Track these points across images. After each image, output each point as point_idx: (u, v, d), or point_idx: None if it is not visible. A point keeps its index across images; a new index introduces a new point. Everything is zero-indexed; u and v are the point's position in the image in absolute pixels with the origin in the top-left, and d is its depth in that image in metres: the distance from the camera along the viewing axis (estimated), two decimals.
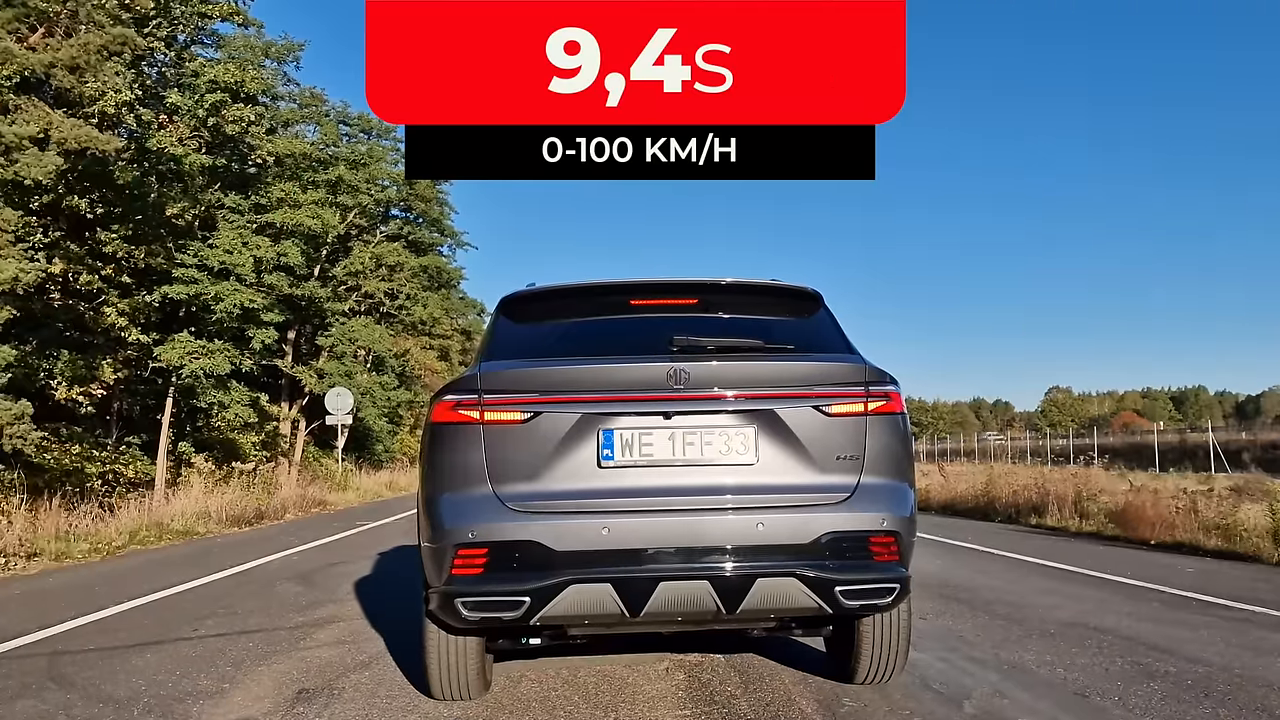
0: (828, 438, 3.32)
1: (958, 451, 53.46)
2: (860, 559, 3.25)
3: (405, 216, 29.58)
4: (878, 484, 3.32)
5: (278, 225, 19.58)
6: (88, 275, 14.74)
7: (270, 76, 19.62)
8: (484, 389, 3.33)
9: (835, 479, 3.29)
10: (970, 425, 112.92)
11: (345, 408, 23.15)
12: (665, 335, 3.48)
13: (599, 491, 3.23)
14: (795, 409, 3.31)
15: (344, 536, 12.30)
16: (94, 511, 11.61)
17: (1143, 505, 10.67)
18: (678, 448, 3.26)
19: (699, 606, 3.18)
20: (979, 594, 6.52)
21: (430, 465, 3.38)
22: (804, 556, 3.18)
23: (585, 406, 3.26)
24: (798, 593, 3.17)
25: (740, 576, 3.14)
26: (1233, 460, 30.85)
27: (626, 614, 3.15)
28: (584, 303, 3.93)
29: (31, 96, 12.96)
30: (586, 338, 3.75)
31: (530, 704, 3.77)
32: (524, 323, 3.87)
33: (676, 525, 3.19)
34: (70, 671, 4.53)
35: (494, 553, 3.17)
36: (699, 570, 3.15)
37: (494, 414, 3.28)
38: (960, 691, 3.84)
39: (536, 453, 3.24)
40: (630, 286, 3.88)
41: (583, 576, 3.13)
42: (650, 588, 3.13)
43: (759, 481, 3.26)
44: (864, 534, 3.25)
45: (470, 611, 3.18)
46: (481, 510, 3.20)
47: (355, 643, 5.08)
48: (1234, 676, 4.06)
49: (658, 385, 3.28)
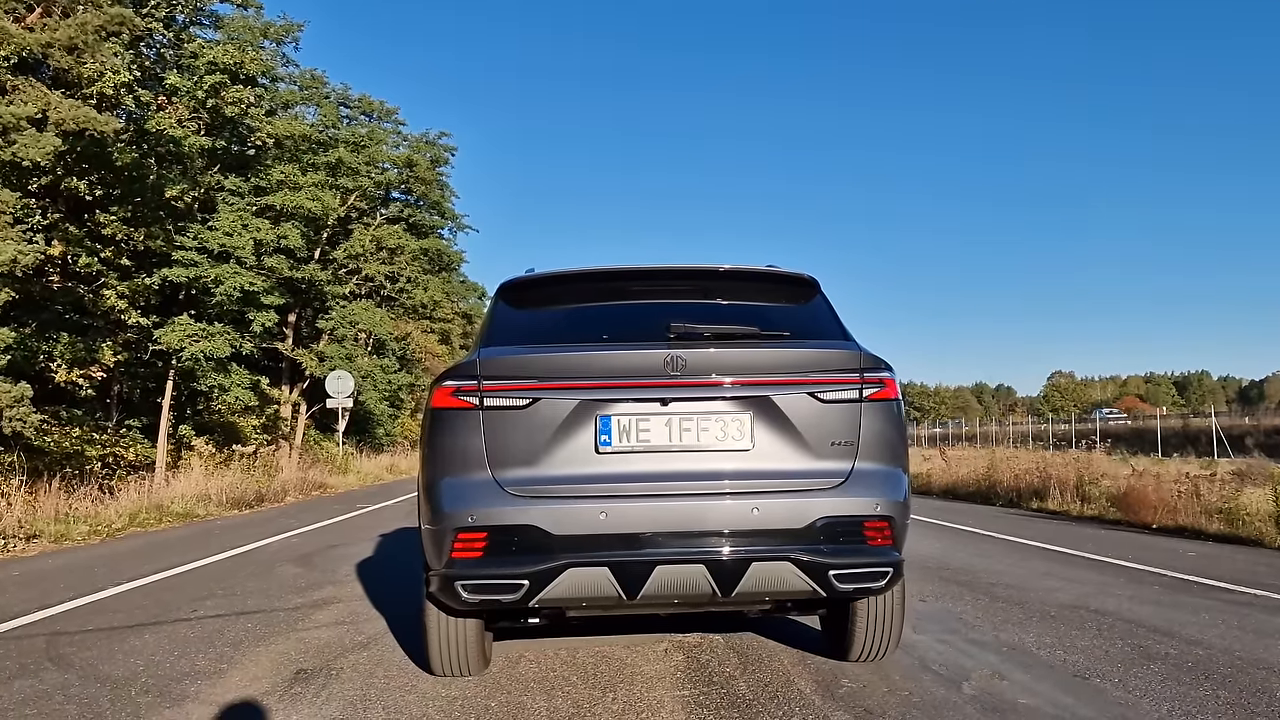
0: (823, 424, 3.33)
1: (959, 436, 53.52)
2: (854, 543, 3.27)
3: (406, 199, 29.45)
4: (872, 469, 3.34)
5: (278, 208, 19.49)
6: (87, 257, 14.70)
7: (269, 57, 19.46)
8: (483, 375, 3.32)
9: (830, 464, 3.31)
10: (973, 410, 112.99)
11: (346, 391, 23.14)
12: (663, 322, 3.45)
13: (597, 477, 3.23)
14: (791, 395, 3.33)
15: (344, 519, 12.31)
16: (93, 494, 11.62)
17: (1145, 489, 10.66)
18: (674, 433, 3.27)
19: (695, 590, 3.20)
20: (979, 577, 6.51)
21: (430, 449, 3.38)
22: (799, 541, 3.20)
23: (583, 393, 3.26)
24: (792, 576, 3.19)
25: (736, 560, 3.16)
26: (1235, 445, 30.75)
27: (624, 597, 3.17)
28: (583, 289, 3.91)
29: (29, 77, 12.87)
30: (585, 324, 3.73)
31: (529, 684, 3.76)
32: (523, 309, 3.86)
33: (673, 510, 3.20)
34: (68, 652, 4.53)
35: (493, 536, 3.19)
36: (695, 554, 3.16)
37: (493, 400, 3.29)
38: (959, 673, 3.82)
39: (535, 438, 3.25)
40: (629, 273, 3.88)
41: (580, 560, 3.14)
42: (647, 571, 3.15)
43: (755, 467, 3.28)
44: (858, 519, 3.27)
45: (470, 594, 3.19)
46: (481, 494, 3.21)
47: (354, 624, 5.08)
48: (1235, 659, 4.05)
49: (655, 372, 3.29)
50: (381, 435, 33.05)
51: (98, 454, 15.07)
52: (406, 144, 28.10)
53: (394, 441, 34.17)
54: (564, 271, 3.99)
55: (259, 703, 3.59)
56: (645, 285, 3.87)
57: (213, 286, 17.03)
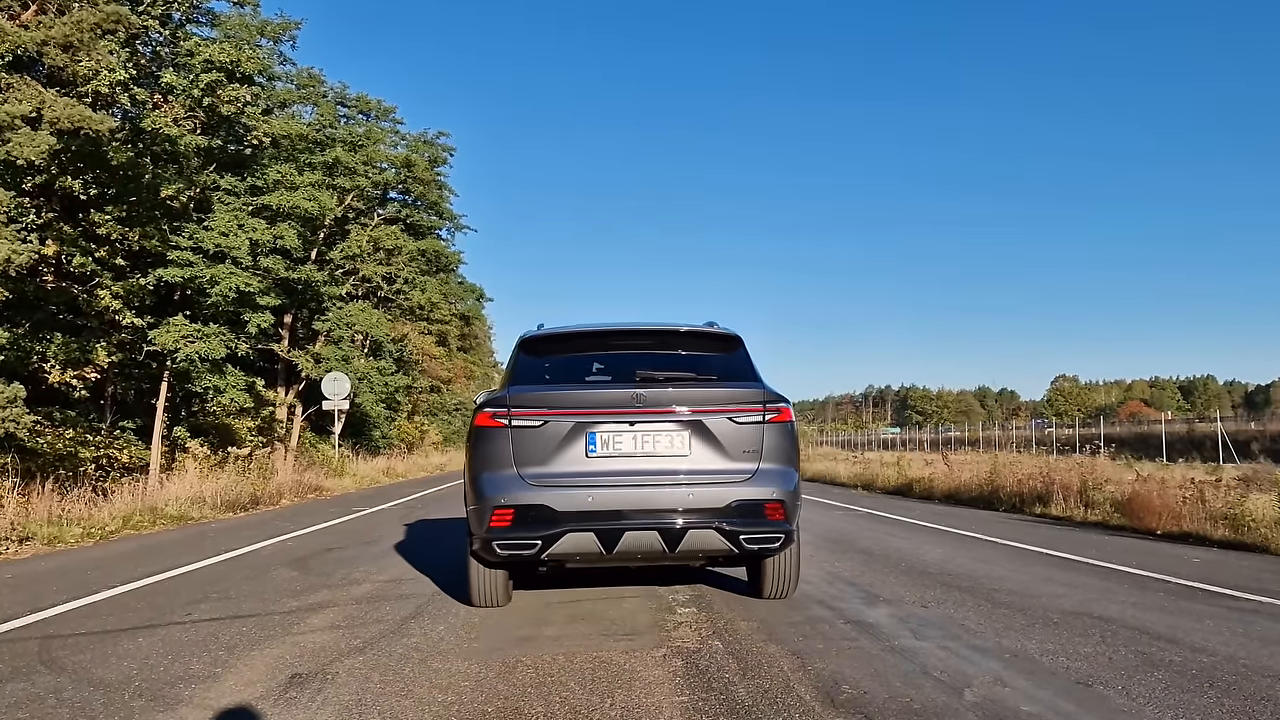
0: (737, 438, 4.86)
1: (962, 440, 53.45)
2: (758, 518, 4.78)
3: (403, 199, 29.32)
4: (771, 469, 4.86)
5: (274, 208, 19.37)
6: (81, 257, 14.61)
7: (266, 56, 19.38)
8: (511, 405, 4.87)
9: (742, 465, 4.84)
10: (975, 414, 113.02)
11: (342, 393, 23.05)
12: (632, 368, 5.08)
13: (586, 473, 4.77)
14: (716, 419, 4.87)
15: (340, 522, 12.25)
16: (87, 496, 11.53)
17: (1149, 495, 10.52)
18: (638, 445, 4.84)
19: (651, 548, 4.75)
20: (981, 583, 6.47)
21: (475, 453, 4.93)
22: (721, 516, 4.72)
23: (577, 418, 4.81)
24: (716, 540, 4.74)
25: (678, 529, 4.69)
26: (1241, 451, 30.56)
27: (604, 552, 4.72)
28: (577, 343, 5.50)
29: (24, 75, 12.80)
30: (579, 368, 5.32)
31: (526, 689, 3.72)
32: (536, 356, 5.41)
33: (637, 495, 4.72)
34: (61, 655, 4.48)
35: (518, 512, 4.70)
36: (651, 524, 4.69)
37: (518, 421, 4.83)
38: (961, 679, 3.79)
39: (545, 447, 4.78)
40: (609, 331, 5.49)
41: (575, 528, 4.67)
42: (619, 535, 4.68)
43: (691, 467, 4.83)
44: (761, 501, 4.79)
45: (503, 550, 4.78)
46: (509, 484, 4.75)
47: (350, 628, 5.03)
48: (1239, 666, 4.01)
49: (625, 403, 4.84)
50: (378, 438, 32.88)
51: (91, 456, 14.97)
52: (404, 143, 28.00)
53: (391, 444, 34.00)
54: (564, 330, 5.56)
55: (253, 707, 3.55)
56: (620, 340, 5.47)
57: (208, 287, 16.93)
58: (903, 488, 18.04)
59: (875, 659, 4.16)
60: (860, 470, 22.13)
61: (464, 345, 52.86)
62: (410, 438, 38.47)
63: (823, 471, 24.71)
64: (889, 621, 5.02)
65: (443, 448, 42.68)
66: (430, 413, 45.15)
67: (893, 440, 63.57)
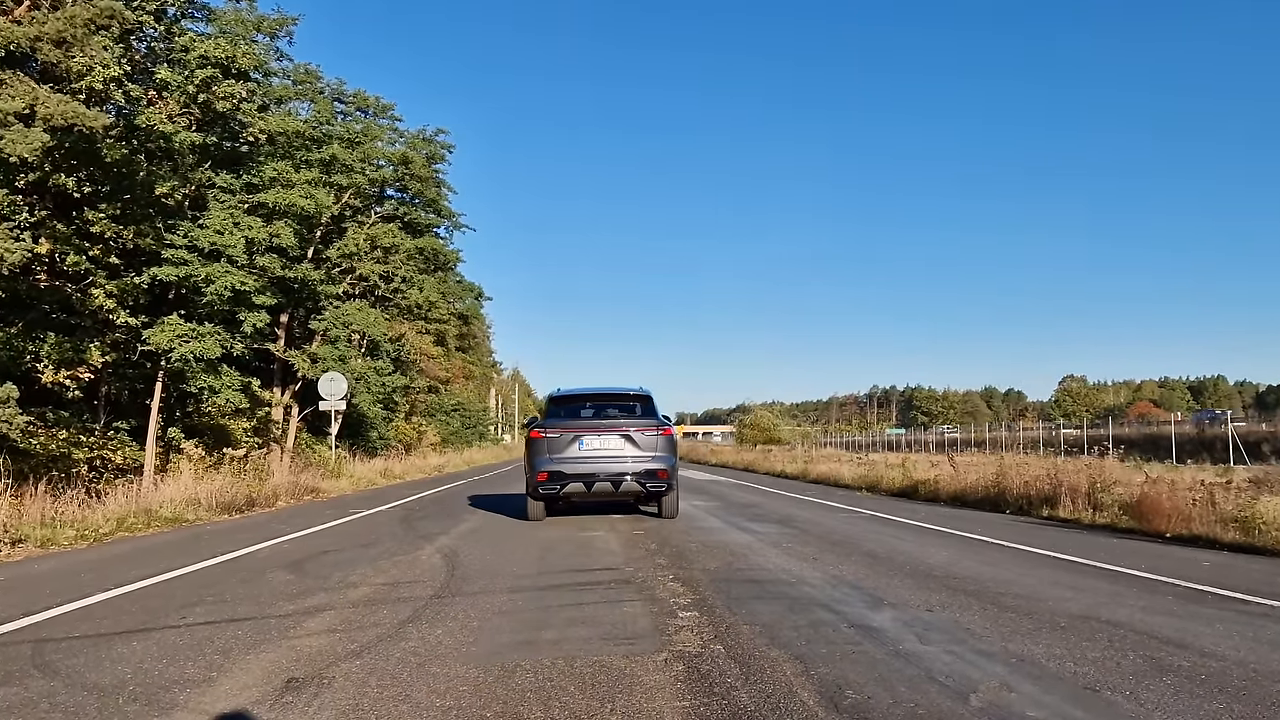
0: (647, 442, 11.03)
1: (968, 441, 53.15)
2: (655, 478, 10.99)
3: (401, 197, 29.16)
4: (661, 455, 11.06)
5: (270, 205, 19.23)
6: (75, 255, 14.49)
7: (262, 52, 19.25)
8: (545, 428, 11.22)
9: (648, 453, 10.99)
10: (982, 415, 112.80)
11: (339, 393, 22.94)
12: (601, 410, 11.71)
13: (578, 458, 10.96)
14: (639, 433, 11.06)
15: (336, 524, 12.17)
16: (81, 497, 11.43)
17: (1158, 497, 10.35)
18: (603, 445, 11.00)
19: (608, 490, 11.03)
20: (987, 586, 6.41)
21: (530, 449, 11.26)
22: (638, 477, 10.91)
23: (574, 433, 11.09)
24: (636, 486, 10.98)
25: (620, 481, 10.90)
26: (1252, 452, 30.12)
27: (586, 492, 11.03)
28: (575, 399, 11.89)
29: (17, 71, 12.70)
30: (576, 411, 11.74)
31: (525, 694, 3.67)
32: (556, 404, 11.82)
33: (601, 467, 10.88)
34: (55, 659, 4.42)
35: (550, 475, 10.96)
36: (609, 479, 10.88)
37: (549, 435, 11.12)
38: (966, 684, 3.74)
39: (560, 446, 11.02)
40: (589, 394, 12.07)
41: (573, 481, 10.91)
42: (592, 483, 10.89)
43: (628, 454, 10.97)
44: (655, 470, 10.96)
45: (543, 491, 11.13)
46: (545, 462, 11.00)
47: (347, 632, 4.97)
48: (1250, 672, 3.97)
49: (596, 427, 11.21)
50: (375, 439, 32.67)
51: (85, 457, 14.86)
52: (402, 140, 27.86)
53: (388, 445, 33.79)
54: (570, 392, 12.01)
55: (249, 712, 3.50)
56: (595, 397, 11.99)
57: (203, 286, 16.80)
58: (908, 490, 17.93)
59: (879, 663, 4.11)
60: (865, 472, 21.99)
61: (462, 345, 52.76)
62: (408, 439, 38.26)
63: (826, 474, 24.54)
64: (893, 625, 4.97)
65: (441, 449, 42.45)
66: (428, 413, 44.97)
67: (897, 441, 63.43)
